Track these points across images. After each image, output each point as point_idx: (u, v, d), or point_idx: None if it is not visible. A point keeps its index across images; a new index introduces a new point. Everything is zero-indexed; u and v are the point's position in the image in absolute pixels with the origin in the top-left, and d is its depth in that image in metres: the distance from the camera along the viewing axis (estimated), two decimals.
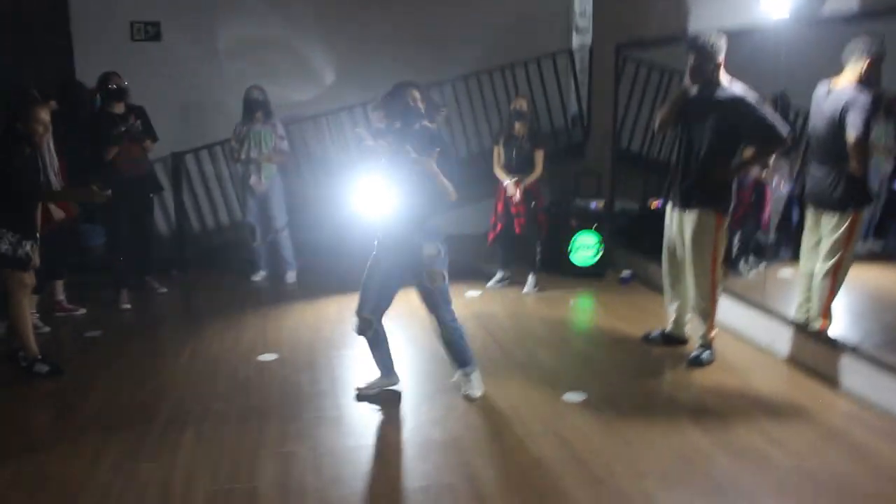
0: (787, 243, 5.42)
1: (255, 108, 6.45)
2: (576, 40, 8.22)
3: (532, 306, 5.90)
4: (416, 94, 3.93)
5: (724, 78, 4.33)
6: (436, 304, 3.99)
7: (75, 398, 4.22)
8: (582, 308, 6.03)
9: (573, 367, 4.58)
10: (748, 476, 3.22)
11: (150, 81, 7.08)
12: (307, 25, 7.72)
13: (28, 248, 4.45)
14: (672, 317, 4.88)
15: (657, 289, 6.05)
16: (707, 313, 4.55)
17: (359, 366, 4.56)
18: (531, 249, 6.22)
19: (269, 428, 3.79)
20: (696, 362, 4.51)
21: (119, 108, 5.92)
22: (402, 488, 3.26)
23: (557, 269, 6.64)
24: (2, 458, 3.51)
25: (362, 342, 4.19)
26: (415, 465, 3.45)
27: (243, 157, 6.44)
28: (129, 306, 6.03)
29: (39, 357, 4.60)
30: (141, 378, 4.53)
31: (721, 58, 4.29)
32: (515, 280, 6.39)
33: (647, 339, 4.97)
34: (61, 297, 5.87)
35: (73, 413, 4.03)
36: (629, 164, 7.12)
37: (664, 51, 6.22)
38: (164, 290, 6.43)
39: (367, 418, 3.95)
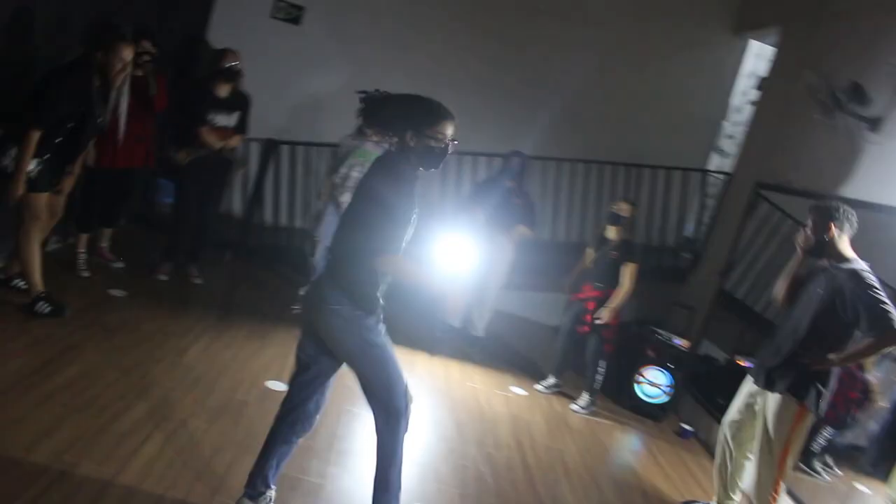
0: (883, 460, 4.65)
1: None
2: (714, 162, 7.63)
3: (575, 427, 5.25)
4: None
5: (847, 251, 3.71)
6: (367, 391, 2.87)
7: (58, 359, 3.84)
8: (627, 449, 5.34)
9: None
10: None
11: (275, 62, 6.88)
12: (448, 57, 7.39)
13: (34, 168, 4.10)
14: (717, 492, 4.20)
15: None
16: None
17: (368, 434, 4.04)
18: (593, 361, 5.61)
19: (238, 470, 3.26)
20: None
21: (224, 91, 5.54)
22: None
23: (616, 394, 5.97)
24: None
25: None
26: None
27: (343, 169, 5.90)
28: (166, 278, 5.68)
29: (44, 294, 4.28)
30: (136, 360, 4.12)
31: (845, 230, 3.70)
32: (567, 391, 5.77)
33: None
34: (104, 244, 5.60)
35: (46, 375, 3.63)
36: (728, 309, 6.43)
37: (805, 204, 5.58)
38: (201, 280, 5.95)
39: (353, 497, 3.40)
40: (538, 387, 5.81)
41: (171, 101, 5.49)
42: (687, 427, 5.74)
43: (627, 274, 5.45)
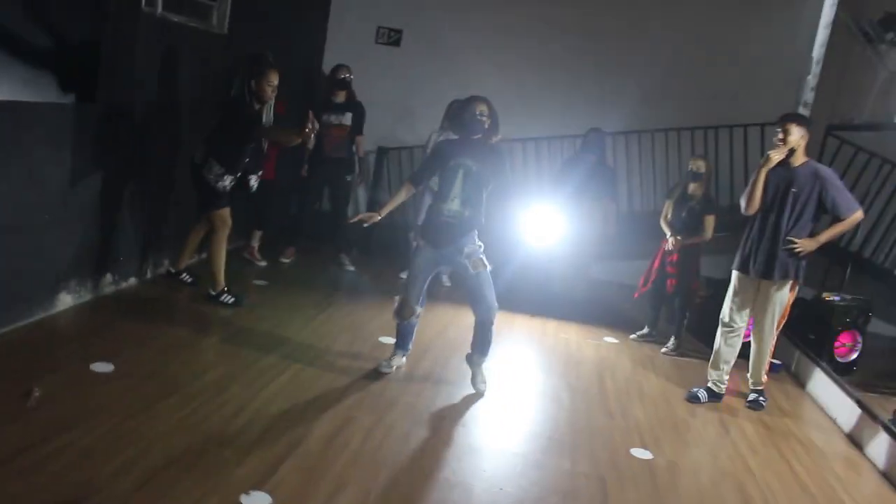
0: None
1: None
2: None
3: (660, 366, 5.79)
4: (484, 108, 4.26)
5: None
6: (482, 287, 4.31)
7: (212, 326, 4.99)
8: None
9: (656, 427, 4.51)
10: None
11: (381, 81, 7.92)
12: (534, 53, 8.11)
13: (228, 182, 5.15)
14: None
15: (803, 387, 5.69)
16: None
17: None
18: (680, 311, 6.11)
19: (339, 392, 4.22)
20: None
21: (340, 98, 6.74)
22: None
23: (709, 338, 6.41)
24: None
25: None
26: None
27: None
28: (288, 260, 6.96)
29: (226, 289, 5.38)
30: (272, 325, 5.14)
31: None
32: (661, 339, 6.28)
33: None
34: (255, 244, 6.77)
35: (204, 336, 4.78)
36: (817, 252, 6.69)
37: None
38: (353, 268, 7.10)
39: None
40: (632, 336, 6.38)
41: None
42: (775, 362, 6.08)
43: (709, 224, 5.99)
